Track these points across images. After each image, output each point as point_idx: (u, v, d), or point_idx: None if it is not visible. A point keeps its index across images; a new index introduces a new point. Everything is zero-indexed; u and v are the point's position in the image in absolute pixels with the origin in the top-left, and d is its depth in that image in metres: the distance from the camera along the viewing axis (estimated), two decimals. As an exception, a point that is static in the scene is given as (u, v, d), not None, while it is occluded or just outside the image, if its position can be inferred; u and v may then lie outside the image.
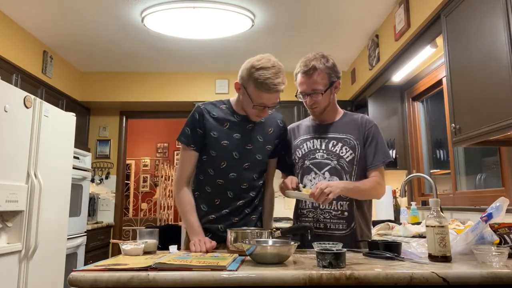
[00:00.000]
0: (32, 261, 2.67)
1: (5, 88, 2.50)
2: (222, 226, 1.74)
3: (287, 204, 4.66)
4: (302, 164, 1.80)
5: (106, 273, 1.13)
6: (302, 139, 1.85)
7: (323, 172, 1.75)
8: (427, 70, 3.30)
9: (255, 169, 1.77)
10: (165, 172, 7.73)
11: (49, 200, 2.89)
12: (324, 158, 1.76)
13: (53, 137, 2.99)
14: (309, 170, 1.77)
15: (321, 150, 1.77)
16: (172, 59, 4.32)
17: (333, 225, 1.72)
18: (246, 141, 1.75)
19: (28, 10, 3.25)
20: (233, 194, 1.75)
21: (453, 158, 3.02)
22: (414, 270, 1.12)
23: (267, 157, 1.81)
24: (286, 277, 1.11)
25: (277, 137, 1.84)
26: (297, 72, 1.79)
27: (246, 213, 1.79)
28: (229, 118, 1.76)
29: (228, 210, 1.76)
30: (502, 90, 1.81)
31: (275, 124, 1.85)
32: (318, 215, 1.73)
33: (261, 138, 1.78)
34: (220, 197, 1.76)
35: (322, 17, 3.38)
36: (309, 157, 1.79)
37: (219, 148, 1.73)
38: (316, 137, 1.81)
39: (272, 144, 1.82)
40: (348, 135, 1.77)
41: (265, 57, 1.70)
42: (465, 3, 2.13)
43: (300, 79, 1.78)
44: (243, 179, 1.75)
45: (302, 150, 1.82)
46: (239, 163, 1.74)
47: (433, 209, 1.34)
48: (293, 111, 4.53)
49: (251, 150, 1.75)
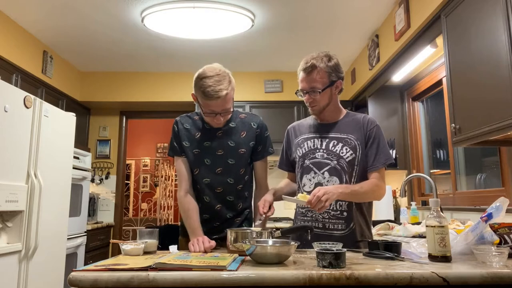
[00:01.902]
0: (32, 261, 2.67)
1: (5, 88, 2.50)
2: (205, 229, 1.78)
3: (287, 204, 4.66)
4: (302, 163, 1.81)
5: (106, 273, 1.13)
6: (303, 137, 1.85)
7: (322, 172, 1.74)
8: (427, 70, 3.30)
9: (229, 174, 1.82)
10: (165, 172, 7.73)
11: (49, 200, 2.89)
12: (324, 157, 1.75)
13: (53, 137, 2.99)
14: (309, 169, 1.78)
15: (321, 149, 1.77)
16: (172, 59, 4.32)
17: (332, 225, 1.72)
18: (217, 147, 1.82)
19: (28, 10, 3.25)
20: (209, 199, 1.83)
21: (453, 158, 3.02)
22: (414, 270, 1.12)
23: (242, 161, 1.84)
24: (286, 277, 1.11)
25: (252, 139, 1.86)
26: (299, 70, 1.80)
27: (228, 217, 1.84)
28: (199, 127, 1.85)
29: (208, 215, 1.84)
30: (502, 90, 1.81)
31: (248, 127, 1.87)
32: (317, 214, 1.73)
33: (232, 143, 1.83)
34: (199, 202, 1.84)
35: (322, 17, 3.38)
36: (309, 156, 1.79)
37: (191, 157, 1.83)
38: (317, 136, 1.81)
39: (246, 146, 1.84)
40: (350, 135, 1.76)
41: (210, 66, 1.77)
42: (465, 3, 2.13)
43: (300, 77, 1.79)
44: (216, 183, 1.82)
45: (303, 149, 1.82)
46: (211, 169, 1.81)
47: (433, 209, 1.34)
48: (293, 111, 4.54)
49: (222, 155, 1.82)
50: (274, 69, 4.70)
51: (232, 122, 1.86)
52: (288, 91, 4.70)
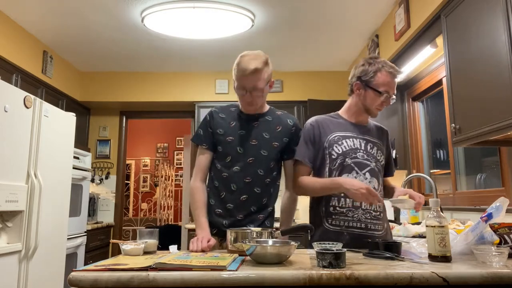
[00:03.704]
0: (32, 261, 2.67)
1: (5, 88, 2.50)
2: (227, 222, 1.79)
3: (287, 204, 4.66)
4: (342, 161, 1.74)
5: (106, 273, 1.13)
6: (340, 135, 1.79)
7: (364, 172, 1.74)
8: (427, 70, 3.30)
9: (260, 165, 1.82)
10: (165, 172, 7.73)
11: (49, 200, 2.89)
12: (364, 158, 1.76)
13: (53, 137, 2.99)
14: (350, 168, 1.74)
15: (361, 150, 1.77)
16: (172, 59, 4.32)
17: (372, 226, 1.71)
18: (251, 137, 1.83)
19: (28, 10, 3.25)
20: (236, 187, 1.81)
21: (453, 158, 3.02)
22: (414, 270, 1.12)
23: (274, 154, 1.84)
24: (286, 277, 1.11)
25: (286, 135, 1.87)
26: (384, 70, 1.75)
27: (252, 211, 1.81)
28: (236, 117, 1.87)
29: (232, 204, 1.81)
30: (502, 90, 1.81)
31: (284, 123, 1.89)
32: (359, 215, 1.70)
33: (267, 135, 1.84)
34: (225, 190, 1.82)
35: (322, 17, 3.38)
36: (351, 155, 1.75)
37: (224, 144, 1.83)
38: (355, 136, 1.79)
39: (279, 141, 1.85)
40: (379, 141, 1.85)
41: (252, 51, 1.83)
42: (465, 3, 2.13)
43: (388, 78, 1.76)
44: (246, 172, 1.81)
45: (342, 147, 1.76)
46: (243, 157, 1.81)
47: (433, 209, 1.34)
48: (293, 111, 4.54)
49: (255, 145, 1.82)
50: (274, 69, 4.63)
51: (269, 116, 1.89)
52: (288, 91, 4.70)
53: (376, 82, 1.74)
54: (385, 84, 1.74)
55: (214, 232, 1.80)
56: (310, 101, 4.40)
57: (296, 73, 4.72)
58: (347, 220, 1.70)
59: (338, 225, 1.71)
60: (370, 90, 1.75)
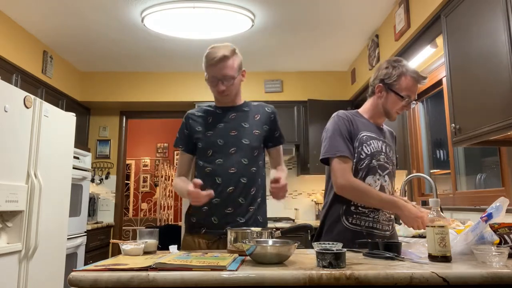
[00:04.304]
0: (32, 261, 2.67)
1: (5, 88, 2.50)
2: (216, 218, 1.76)
3: (287, 204, 4.66)
4: (369, 162, 1.73)
5: (106, 273, 1.13)
6: (367, 135, 1.76)
7: (384, 175, 1.75)
8: (427, 70, 3.30)
9: (244, 154, 1.81)
10: (165, 172, 7.73)
11: (49, 200, 2.89)
12: (385, 161, 1.77)
13: (53, 137, 2.99)
14: (375, 170, 1.73)
15: (383, 153, 1.77)
16: (172, 59, 4.32)
17: (386, 227, 1.75)
18: (230, 128, 1.84)
19: (28, 10, 3.25)
20: (221, 180, 1.77)
21: (453, 158, 3.02)
22: (414, 270, 1.12)
23: (256, 142, 1.84)
24: (286, 277, 1.11)
25: (266, 123, 1.88)
26: (410, 75, 1.74)
27: (240, 202, 1.77)
28: (213, 112, 1.90)
29: (218, 198, 1.75)
30: (502, 90, 1.81)
31: (262, 111, 1.90)
32: (380, 216, 1.71)
33: (246, 124, 1.85)
34: (210, 185, 1.74)
35: (322, 17, 3.38)
36: (377, 157, 1.75)
37: (204, 139, 1.85)
38: (378, 138, 1.79)
39: (260, 129, 1.85)
40: (392, 144, 1.88)
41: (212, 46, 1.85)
42: (465, 3, 2.13)
43: (413, 83, 1.75)
44: (230, 163, 1.79)
45: (371, 148, 1.75)
46: (224, 149, 1.81)
47: (433, 209, 1.34)
48: (293, 111, 4.54)
49: (236, 135, 1.83)
50: (274, 69, 4.70)
51: (245, 107, 1.91)
52: (288, 91, 4.70)
53: (399, 86, 1.74)
54: (407, 89, 1.74)
55: (203, 232, 1.77)
56: (310, 101, 4.40)
57: (296, 73, 4.72)
58: (368, 221, 1.70)
59: (359, 225, 1.69)
60: (392, 93, 1.75)
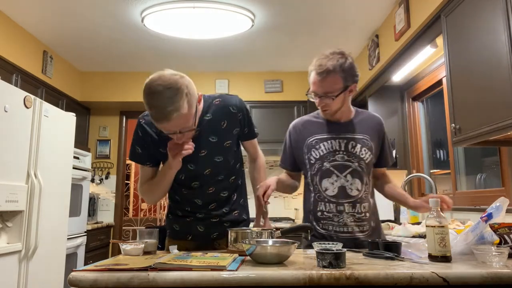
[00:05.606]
0: (32, 261, 2.67)
1: (5, 88, 2.50)
2: (201, 226, 1.73)
3: (287, 204, 4.66)
4: (320, 166, 1.71)
5: (106, 273, 1.13)
6: (318, 138, 1.74)
7: (344, 175, 1.69)
8: (427, 70, 3.30)
9: (219, 172, 1.69)
10: (165, 172, 7.71)
11: (49, 200, 2.89)
12: (344, 160, 1.70)
13: (53, 137, 2.99)
14: (330, 172, 1.70)
15: (341, 151, 1.71)
16: (172, 59, 4.32)
17: (357, 228, 1.68)
18: (199, 149, 1.60)
19: (28, 10, 3.25)
20: (202, 201, 1.71)
21: (453, 158, 3.02)
22: (414, 270, 1.12)
23: (230, 154, 1.70)
24: (286, 277, 1.11)
25: (235, 125, 1.69)
26: (311, 70, 1.68)
27: (224, 212, 1.74)
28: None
29: (202, 215, 1.72)
30: (502, 90, 1.81)
31: (227, 114, 1.66)
32: (344, 219, 1.68)
33: (214, 138, 1.64)
34: (189, 205, 1.72)
35: (322, 17, 3.38)
36: (329, 159, 1.70)
37: None
38: (333, 137, 1.73)
39: (231, 137, 1.68)
40: (365, 135, 1.74)
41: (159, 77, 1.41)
42: (465, 3, 2.13)
43: (312, 78, 1.67)
44: (207, 184, 1.68)
45: (320, 151, 1.72)
46: (198, 172, 1.66)
47: (433, 209, 1.34)
48: (293, 111, 4.54)
49: (206, 155, 1.64)
50: (274, 69, 4.70)
51: (208, 114, 1.64)
52: (288, 91, 4.70)
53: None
54: (311, 83, 1.70)
55: (189, 238, 1.73)
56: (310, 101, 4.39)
57: (296, 73, 4.72)
58: (334, 225, 1.69)
59: (328, 230, 1.70)
60: None
